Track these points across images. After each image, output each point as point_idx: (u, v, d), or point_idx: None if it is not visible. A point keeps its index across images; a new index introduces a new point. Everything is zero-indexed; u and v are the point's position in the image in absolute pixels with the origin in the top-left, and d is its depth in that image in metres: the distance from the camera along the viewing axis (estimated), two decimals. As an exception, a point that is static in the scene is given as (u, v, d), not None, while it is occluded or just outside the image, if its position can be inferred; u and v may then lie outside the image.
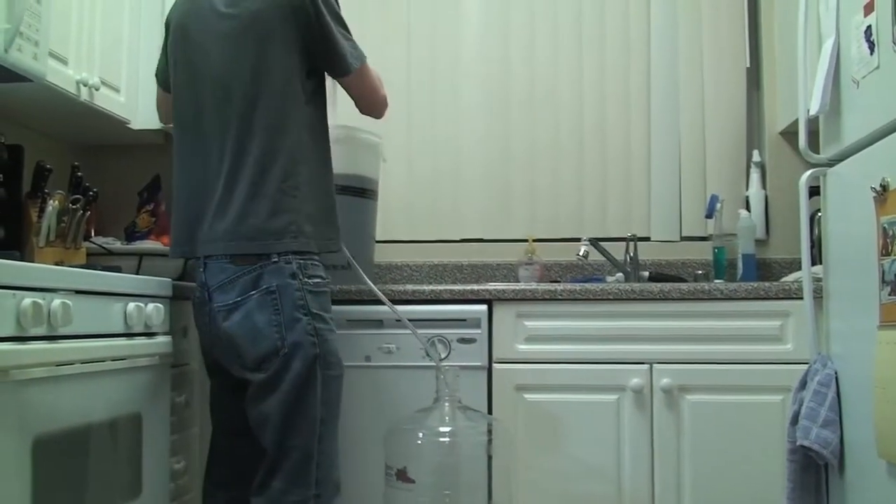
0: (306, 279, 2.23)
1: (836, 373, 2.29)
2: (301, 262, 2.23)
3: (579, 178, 3.61)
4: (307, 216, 2.27)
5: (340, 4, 2.36)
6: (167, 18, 2.48)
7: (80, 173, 2.82)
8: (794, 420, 2.34)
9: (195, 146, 2.34)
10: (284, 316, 2.19)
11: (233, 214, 2.23)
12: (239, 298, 2.21)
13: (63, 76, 2.64)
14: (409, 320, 2.64)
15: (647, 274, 3.35)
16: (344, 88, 2.51)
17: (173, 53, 2.43)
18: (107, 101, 2.91)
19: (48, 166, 2.69)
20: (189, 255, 2.37)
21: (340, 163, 2.64)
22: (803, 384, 2.38)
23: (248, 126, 2.25)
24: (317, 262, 2.29)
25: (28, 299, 1.80)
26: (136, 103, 3.06)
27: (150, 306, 2.37)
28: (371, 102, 2.53)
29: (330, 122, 2.50)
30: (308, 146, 2.31)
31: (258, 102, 2.25)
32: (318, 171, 2.35)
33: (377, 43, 3.59)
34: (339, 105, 2.66)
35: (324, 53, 2.31)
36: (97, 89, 2.80)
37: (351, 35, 2.38)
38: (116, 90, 2.99)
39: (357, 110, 2.57)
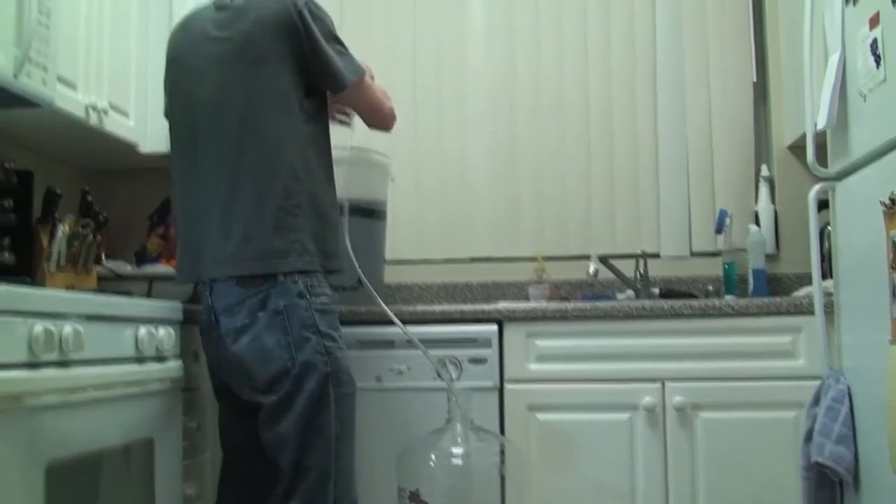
0: (314, 298, 2.23)
1: (848, 388, 2.28)
2: (307, 281, 2.23)
3: (587, 196, 3.60)
4: (310, 234, 2.27)
5: (333, 20, 2.37)
6: (166, 52, 2.48)
7: (90, 198, 2.83)
8: (808, 436, 2.33)
9: (193, 171, 2.35)
10: (293, 336, 2.18)
11: (236, 236, 2.23)
12: (247, 321, 2.21)
13: (72, 101, 2.65)
14: (420, 341, 2.63)
15: (657, 291, 3.34)
16: (346, 104, 2.52)
17: (170, 83, 2.45)
18: (116, 125, 2.92)
19: (58, 191, 2.70)
20: (194, 279, 2.37)
21: (350, 184, 2.64)
22: (816, 400, 2.37)
23: (244, 147, 2.25)
24: (322, 281, 2.29)
25: (39, 326, 1.80)
26: (146, 127, 3.06)
27: (161, 331, 2.36)
28: (375, 116, 2.54)
29: (349, 143, 2.52)
30: (310, 164, 2.31)
31: (254, 124, 2.26)
32: (320, 189, 2.35)
33: (383, 55, 3.63)
34: (356, 126, 2.66)
35: (318, 71, 2.31)
36: (106, 113, 2.81)
37: (346, 50, 2.37)
38: (125, 114, 3.00)
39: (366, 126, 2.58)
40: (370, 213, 2.99)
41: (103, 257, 3.03)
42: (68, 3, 2.59)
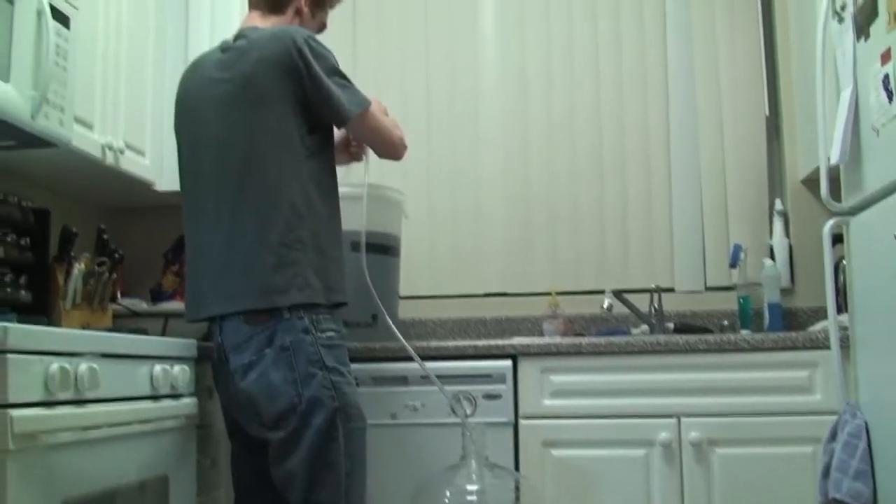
0: (319, 333, 2.23)
1: (866, 423, 2.26)
2: (313, 316, 2.23)
3: (601, 231, 3.61)
4: (313, 269, 2.27)
5: (334, 53, 2.37)
6: (175, 95, 2.51)
7: (105, 236, 2.86)
8: (826, 472, 2.31)
9: (197, 211, 2.36)
10: (299, 372, 2.18)
11: (237, 272, 2.24)
12: (254, 357, 2.21)
13: (88, 140, 2.68)
14: (435, 377, 2.62)
15: (672, 326, 3.32)
16: (353, 136, 2.54)
17: (177, 125, 2.48)
18: (132, 164, 2.95)
19: (74, 230, 2.72)
20: (201, 316, 2.36)
21: (361, 220, 2.63)
22: (833, 435, 2.35)
23: (245, 185, 2.27)
24: (328, 315, 2.28)
25: (56, 364, 1.81)
26: (161, 165, 3.09)
27: (176, 368, 2.38)
28: (384, 145, 2.54)
29: (364, 180, 2.52)
30: (312, 200, 2.31)
31: (255, 162, 2.27)
32: (324, 224, 2.35)
33: (396, 86, 3.69)
34: (372, 162, 2.68)
35: (320, 106, 2.32)
36: (122, 153, 2.84)
37: (349, 83, 2.38)
38: (141, 153, 3.03)
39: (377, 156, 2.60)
40: (385, 250, 3.01)
41: (119, 294, 3.05)
42: (85, 45, 2.63)
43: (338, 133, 2.58)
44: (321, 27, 2.58)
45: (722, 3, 3.62)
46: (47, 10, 2.32)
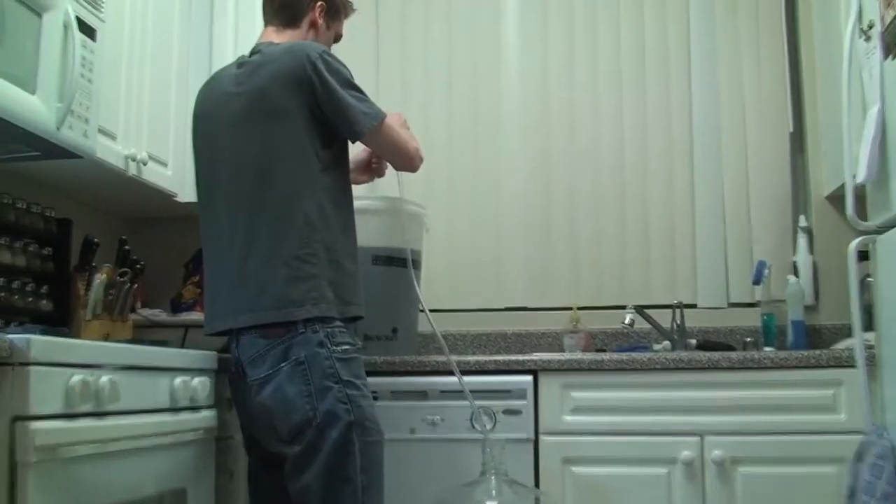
0: (334, 347, 2.22)
1: (892, 444, 2.23)
2: (328, 330, 2.23)
3: (623, 245, 3.59)
4: (328, 282, 2.26)
5: (348, 67, 2.37)
6: (193, 109, 2.52)
7: (127, 246, 2.86)
8: (851, 494, 2.28)
9: (213, 223, 2.37)
10: (315, 386, 2.17)
11: (252, 286, 2.24)
12: (270, 371, 2.21)
13: (112, 152, 2.69)
14: (454, 392, 2.62)
15: (694, 342, 3.30)
16: (370, 149, 2.55)
17: (195, 140, 2.48)
18: (154, 174, 2.96)
19: (96, 240, 2.73)
20: (217, 329, 2.36)
21: (385, 235, 2.65)
22: (859, 456, 2.32)
23: (259, 198, 2.27)
24: (344, 329, 2.28)
25: (77, 376, 1.81)
26: (183, 176, 3.09)
27: (196, 380, 2.36)
28: (399, 158, 2.54)
29: (396, 194, 2.53)
30: (326, 213, 2.31)
31: (269, 175, 2.27)
32: (339, 238, 2.34)
33: (418, 91, 3.70)
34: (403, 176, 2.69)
35: (335, 119, 2.32)
36: (145, 164, 2.84)
37: (365, 96, 2.37)
38: (164, 164, 3.04)
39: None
40: (402, 263, 2.94)
41: (139, 305, 3.05)
42: (110, 57, 2.64)
43: (359, 150, 2.62)
44: (337, 38, 2.60)
45: (746, 18, 3.61)
46: (74, 23, 2.32)
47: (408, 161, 2.54)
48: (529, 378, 2.76)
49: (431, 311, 3.17)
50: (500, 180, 3.69)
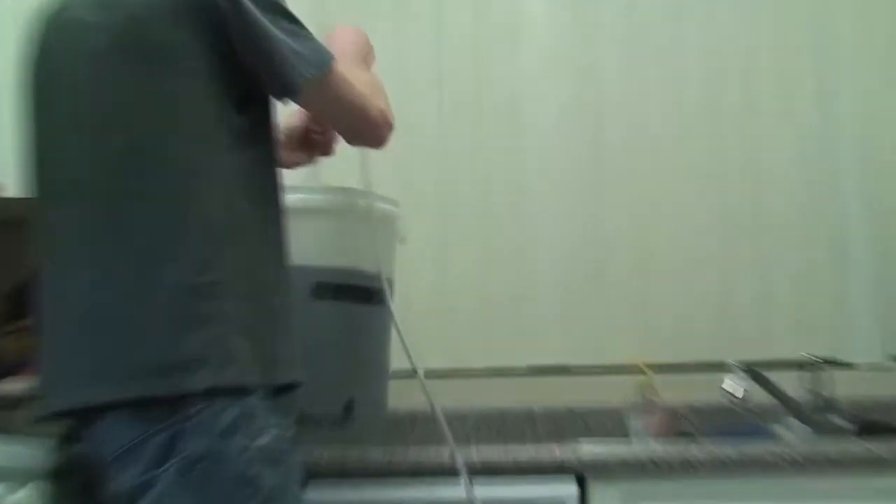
0: (253, 436, 1.64)
1: None
2: (241, 409, 1.63)
3: (722, 270, 2.83)
4: (242, 328, 1.68)
5: None
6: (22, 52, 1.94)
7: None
8: None
9: (51, 231, 1.80)
10: (221, 502, 1.62)
11: (114, 334, 1.63)
12: (145, 476, 1.59)
13: None
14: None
15: (846, 424, 2.53)
16: (311, 114, 2.05)
17: (23, 98, 1.91)
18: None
19: None
20: (55, 409, 1.72)
21: (329, 249, 2.11)
22: None
23: (128, 189, 1.70)
24: (267, 406, 1.70)
25: None
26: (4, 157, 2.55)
27: (18, 496, 1.93)
28: (354, 123, 1.97)
29: (355, 184, 2.10)
30: (241, 215, 1.73)
31: (146, 154, 1.72)
32: (258, 256, 1.76)
33: (389, 45, 2.88)
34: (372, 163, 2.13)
35: (255, 66, 1.77)
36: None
37: (302, 27, 1.81)
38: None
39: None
40: (364, 295, 2.25)
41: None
42: None
43: (293, 115, 2.08)
44: None
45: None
46: None
47: (369, 130, 1.98)
48: (573, 488, 2.09)
49: (413, 373, 2.39)
50: (521, 178, 2.90)
